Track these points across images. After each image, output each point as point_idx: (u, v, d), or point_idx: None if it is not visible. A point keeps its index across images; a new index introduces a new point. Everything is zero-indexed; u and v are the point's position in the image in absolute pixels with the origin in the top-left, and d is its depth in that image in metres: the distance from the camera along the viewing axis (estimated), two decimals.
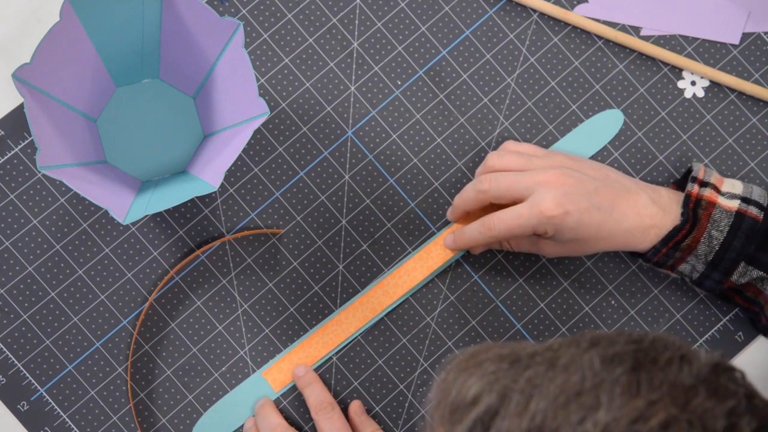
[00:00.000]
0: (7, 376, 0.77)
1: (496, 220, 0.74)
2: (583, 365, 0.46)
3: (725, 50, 0.82)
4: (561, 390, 0.46)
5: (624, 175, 0.76)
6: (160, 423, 0.78)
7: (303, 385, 0.78)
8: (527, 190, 0.73)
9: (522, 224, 0.73)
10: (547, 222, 0.72)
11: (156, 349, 0.78)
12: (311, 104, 0.81)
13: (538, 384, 0.46)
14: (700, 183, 0.74)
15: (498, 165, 0.76)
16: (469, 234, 0.76)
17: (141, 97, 0.79)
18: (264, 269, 0.79)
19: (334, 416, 0.76)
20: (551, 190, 0.72)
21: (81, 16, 0.70)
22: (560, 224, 0.72)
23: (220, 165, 0.71)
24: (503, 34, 0.82)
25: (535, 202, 0.72)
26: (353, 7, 0.81)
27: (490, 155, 0.76)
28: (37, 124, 0.69)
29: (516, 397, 0.46)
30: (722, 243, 0.72)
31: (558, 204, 0.71)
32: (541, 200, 0.72)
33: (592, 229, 0.72)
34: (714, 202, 0.73)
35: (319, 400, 0.77)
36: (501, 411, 0.46)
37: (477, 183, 0.75)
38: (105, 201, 0.70)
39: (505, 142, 0.79)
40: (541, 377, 0.47)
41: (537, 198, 0.72)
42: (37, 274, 0.78)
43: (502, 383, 0.47)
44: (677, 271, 0.76)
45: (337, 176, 0.80)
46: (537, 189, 0.72)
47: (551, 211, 0.71)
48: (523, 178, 0.73)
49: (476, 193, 0.75)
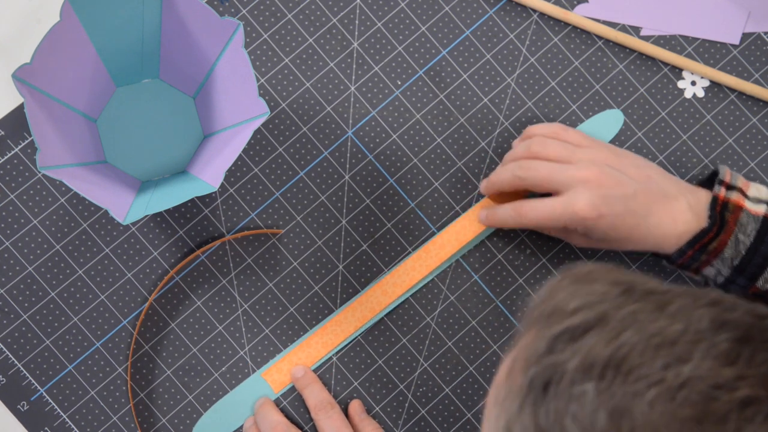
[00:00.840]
0: (7, 376, 0.77)
1: (529, 209, 0.74)
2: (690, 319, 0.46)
3: (725, 50, 0.82)
4: (658, 333, 0.45)
5: (667, 177, 0.75)
6: (160, 423, 0.78)
7: (302, 386, 0.78)
8: (565, 185, 0.73)
9: (554, 219, 0.73)
10: (579, 221, 0.72)
11: (156, 349, 0.78)
12: (311, 104, 0.81)
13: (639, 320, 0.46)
14: (726, 186, 0.73)
15: (541, 153, 0.75)
16: (501, 215, 0.76)
17: (141, 97, 0.79)
18: (264, 269, 0.79)
19: (334, 415, 0.76)
20: (588, 190, 0.72)
21: (81, 16, 0.70)
22: (592, 226, 0.72)
23: (220, 165, 0.71)
24: (503, 34, 0.82)
25: (570, 200, 0.72)
26: (353, 7, 0.81)
27: (535, 140, 0.75)
28: (37, 124, 0.69)
29: (613, 323, 0.46)
30: (749, 248, 0.71)
31: (593, 206, 0.71)
32: (577, 199, 0.71)
33: (624, 232, 0.72)
34: (741, 205, 0.72)
35: (319, 400, 0.77)
36: (593, 330, 0.46)
37: (516, 168, 0.75)
38: (105, 201, 0.70)
39: (553, 125, 0.77)
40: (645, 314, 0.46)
41: (573, 196, 0.72)
42: (37, 274, 0.78)
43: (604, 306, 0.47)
44: (702, 274, 0.74)
45: (337, 176, 0.80)
46: (574, 186, 0.72)
47: (585, 212, 0.71)
48: (563, 172, 0.73)
49: (513, 177, 0.75)
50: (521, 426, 0.46)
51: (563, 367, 0.45)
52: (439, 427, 0.79)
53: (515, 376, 0.47)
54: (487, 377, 0.80)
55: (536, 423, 0.45)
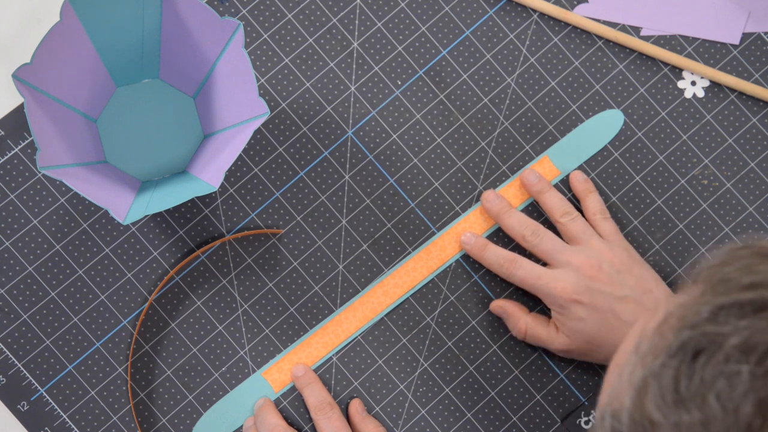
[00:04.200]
0: (7, 376, 0.77)
1: (519, 267, 0.76)
2: None
3: (725, 50, 0.82)
4: None
5: (667, 295, 0.74)
6: (160, 423, 0.78)
7: (302, 386, 0.78)
8: (559, 262, 0.74)
9: (536, 286, 0.74)
10: (554, 298, 0.73)
11: (156, 349, 0.78)
12: (311, 104, 0.81)
13: None
14: None
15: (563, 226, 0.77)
16: (489, 257, 0.78)
17: (141, 97, 0.79)
18: (264, 269, 0.79)
19: (333, 416, 0.76)
20: (577, 277, 0.73)
21: (81, 16, 0.70)
22: (568, 308, 0.73)
23: (220, 165, 0.71)
24: (503, 34, 0.82)
25: (555, 275, 0.74)
26: (353, 7, 0.81)
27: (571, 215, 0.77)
28: (37, 124, 0.69)
29: None
30: None
31: (573, 290, 0.73)
32: (562, 280, 0.73)
33: (604, 331, 0.73)
34: None
35: (319, 400, 0.77)
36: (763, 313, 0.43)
37: (529, 233, 0.76)
38: (105, 201, 0.70)
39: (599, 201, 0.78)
40: None
41: (560, 275, 0.74)
42: (37, 274, 0.78)
43: None
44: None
45: (337, 176, 0.80)
46: (566, 267, 0.74)
47: (563, 291, 0.73)
48: (563, 253, 0.74)
49: (521, 235, 0.77)
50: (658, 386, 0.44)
51: (722, 340, 0.42)
52: (439, 427, 0.79)
53: (666, 332, 0.45)
54: (487, 377, 0.80)
55: (676, 388, 0.43)
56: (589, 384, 0.80)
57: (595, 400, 0.79)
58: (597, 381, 0.80)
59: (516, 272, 0.76)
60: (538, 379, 0.80)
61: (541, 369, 0.80)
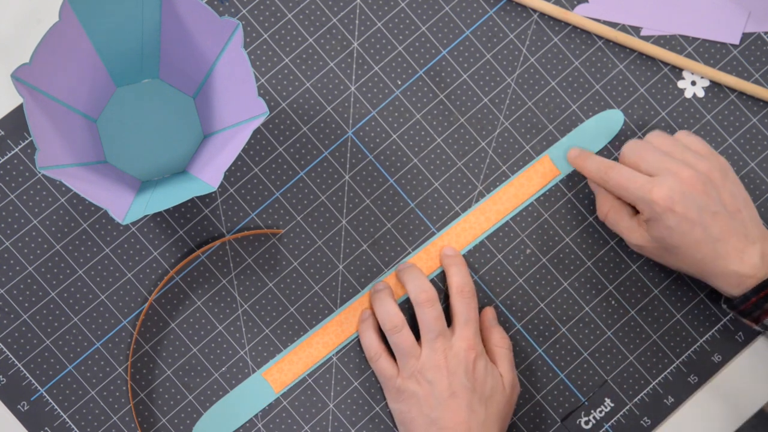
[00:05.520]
0: (7, 376, 0.77)
1: (615, 172, 0.74)
2: None
3: (725, 50, 0.82)
4: None
5: (756, 222, 0.74)
6: (160, 423, 0.78)
7: (449, 264, 0.78)
8: (658, 171, 0.73)
9: (630, 190, 0.73)
10: (648, 204, 0.72)
11: (156, 349, 0.78)
12: (311, 104, 0.81)
13: None
14: None
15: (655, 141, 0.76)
16: (590, 166, 0.77)
17: (141, 97, 0.79)
18: (264, 269, 0.79)
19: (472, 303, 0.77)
20: (674, 183, 0.72)
21: (81, 16, 0.70)
22: (659, 215, 0.72)
23: (219, 165, 0.71)
24: (503, 34, 0.82)
25: (652, 181, 0.72)
26: (353, 7, 0.81)
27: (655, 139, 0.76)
28: (36, 124, 0.69)
29: None
30: None
31: (669, 196, 0.71)
32: (658, 183, 0.72)
33: (688, 242, 0.72)
34: None
35: (463, 282, 0.77)
36: None
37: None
38: (105, 201, 0.70)
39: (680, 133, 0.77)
40: None
41: (657, 180, 0.72)
42: (37, 274, 0.78)
43: None
44: (762, 324, 0.73)
45: (337, 176, 0.80)
46: (664, 174, 0.72)
47: (660, 198, 0.72)
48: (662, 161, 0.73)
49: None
50: None
51: None
52: None
53: None
54: None
55: None
56: (589, 384, 0.80)
57: (595, 400, 0.80)
58: (597, 381, 0.80)
59: (612, 177, 0.75)
60: (538, 379, 0.80)
61: (541, 369, 0.80)
